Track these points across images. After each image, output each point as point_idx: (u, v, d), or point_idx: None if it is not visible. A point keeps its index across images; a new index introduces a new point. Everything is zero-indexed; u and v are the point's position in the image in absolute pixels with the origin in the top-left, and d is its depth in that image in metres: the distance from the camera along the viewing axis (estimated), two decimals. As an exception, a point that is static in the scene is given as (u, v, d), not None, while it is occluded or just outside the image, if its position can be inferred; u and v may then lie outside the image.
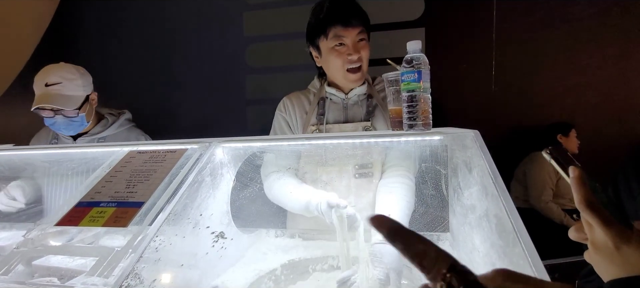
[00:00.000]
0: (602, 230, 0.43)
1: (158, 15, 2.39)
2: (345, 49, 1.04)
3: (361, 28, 1.04)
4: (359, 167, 1.05)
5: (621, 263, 0.41)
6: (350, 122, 1.10)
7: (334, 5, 1.04)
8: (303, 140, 0.96)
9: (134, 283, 0.59)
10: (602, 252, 0.44)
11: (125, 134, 1.40)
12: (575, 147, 2.24)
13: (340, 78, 1.08)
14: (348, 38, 1.03)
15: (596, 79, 2.13)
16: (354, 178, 1.04)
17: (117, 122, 1.39)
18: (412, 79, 0.76)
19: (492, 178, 0.61)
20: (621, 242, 0.42)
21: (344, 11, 1.03)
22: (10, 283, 0.65)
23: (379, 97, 1.12)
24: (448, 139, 0.83)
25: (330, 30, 1.03)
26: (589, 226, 0.45)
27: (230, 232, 0.96)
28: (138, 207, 0.71)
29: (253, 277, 0.86)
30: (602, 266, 0.44)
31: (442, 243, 0.99)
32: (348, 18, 1.02)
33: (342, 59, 1.04)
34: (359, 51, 1.04)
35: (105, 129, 1.36)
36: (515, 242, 0.51)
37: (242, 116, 2.34)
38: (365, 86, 1.12)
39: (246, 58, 2.31)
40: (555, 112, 2.22)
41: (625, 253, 0.41)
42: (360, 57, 1.05)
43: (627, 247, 0.41)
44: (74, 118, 1.27)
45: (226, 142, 0.90)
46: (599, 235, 0.44)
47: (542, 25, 2.13)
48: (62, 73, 1.26)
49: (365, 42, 1.06)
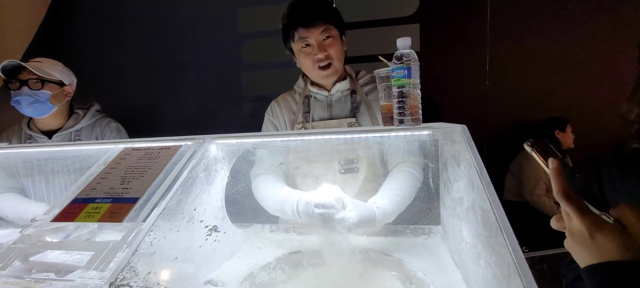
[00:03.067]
0: (578, 219, 0.45)
1: (153, 12, 2.38)
2: (311, 49, 1.05)
3: (325, 26, 1.03)
4: (345, 162, 1.06)
5: (595, 250, 0.43)
6: (335, 118, 1.11)
7: (295, 7, 1.05)
8: (294, 136, 0.97)
9: (129, 276, 0.60)
10: (578, 239, 0.45)
11: (98, 123, 1.44)
12: (571, 142, 2.27)
13: (315, 76, 1.10)
14: (312, 38, 1.04)
15: (589, 74, 2.16)
16: (340, 174, 1.06)
17: (88, 114, 1.43)
18: (402, 75, 0.78)
19: (478, 171, 0.63)
20: (595, 230, 0.43)
21: (305, 12, 1.03)
22: (8, 278, 0.66)
23: (363, 92, 1.12)
24: (438, 133, 0.84)
25: (295, 33, 1.05)
26: (567, 215, 0.47)
27: (224, 227, 0.97)
28: (133, 202, 0.72)
29: (248, 271, 0.88)
30: (578, 253, 0.46)
31: (433, 236, 1.01)
32: (309, 19, 1.02)
33: (311, 58, 1.06)
34: (325, 49, 1.04)
35: (78, 122, 1.39)
36: (498, 232, 0.53)
37: (238, 112, 2.35)
38: (347, 82, 1.12)
39: (241, 54, 2.31)
40: (549, 106, 2.25)
41: (598, 240, 0.43)
42: (327, 55, 1.05)
43: (601, 234, 0.43)
44: (38, 93, 1.27)
45: (220, 138, 0.92)
46: (575, 224, 0.46)
47: (536, 20, 2.15)
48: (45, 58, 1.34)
49: (332, 39, 1.05)
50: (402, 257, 0.90)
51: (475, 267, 0.67)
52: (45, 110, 1.31)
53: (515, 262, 0.48)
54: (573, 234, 0.46)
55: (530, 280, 0.46)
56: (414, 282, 0.80)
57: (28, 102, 1.27)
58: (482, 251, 0.61)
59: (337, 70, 1.09)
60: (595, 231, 0.43)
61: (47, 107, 1.30)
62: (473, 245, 0.68)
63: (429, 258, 0.89)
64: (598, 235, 0.43)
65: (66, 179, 1.30)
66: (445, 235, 0.97)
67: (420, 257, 0.90)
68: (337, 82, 1.12)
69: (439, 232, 1.01)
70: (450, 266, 0.85)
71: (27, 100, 1.27)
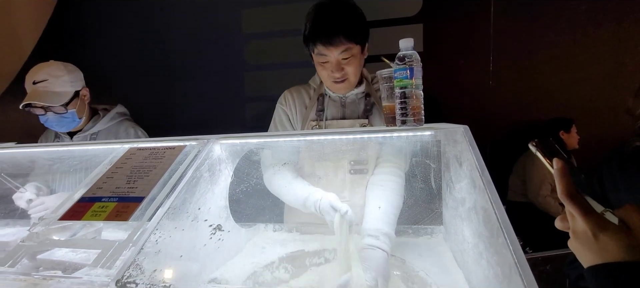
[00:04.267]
0: (582, 220, 0.45)
1: (157, 13, 2.40)
2: (329, 65, 1.03)
3: (345, 46, 0.98)
4: (354, 163, 1.07)
5: (598, 250, 0.44)
6: (347, 118, 1.12)
7: (317, 21, 0.99)
8: (298, 137, 0.98)
9: (135, 274, 0.62)
10: (581, 240, 0.46)
11: (115, 128, 1.42)
12: (575, 142, 2.26)
13: (329, 86, 1.11)
14: (331, 56, 1.01)
15: (594, 74, 2.14)
16: (349, 174, 1.07)
17: (108, 116, 1.41)
18: (404, 76, 0.78)
19: (479, 171, 0.63)
20: (599, 231, 0.44)
21: (326, 29, 0.98)
22: (17, 275, 0.67)
23: (377, 96, 1.13)
24: (440, 134, 0.85)
25: (314, 47, 1.01)
26: (571, 216, 0.47)
27: (228, 226, 0.98)
28: (138, 201, 0.73)
29: (251, 270, 0.89)
30: (581, 253, 0.46)
31: (435, 236, 1.02)
32: (330, 37, 0.97)
33: (327, 73, 1.05)
34: (342, 69, 1.02)
35: (96, 124, 1.39)
36: (499, 232, 0.53)
37: (241, 113, 2.36)
38: (363, 85, 1.13)
39: (245, 55, 2.33)
40: (552, 106, 2.24)
41: (602, 241, 0.43)
42: (344, 73, 1.03)
43: (604, 235, 0.43)
44: (64, 114, 1.29)
45: (224, 138, 0.93)
46: (579, 224, 0.46)
47: (540, 20, 2.14)
48: (49, 70, 1.29)
49: (351, 58, 1.02)
50: (404, 256, 0.91)
51: (477, 266, 0.67)
52: (75, 123, 1.34)
53: (516, 261, 0.48)
54: (577, 234, 0.46)
55: (530, 279, 0.46)
56: (416, 282, 0.80)
57: (56, 123, 1.31)
58: (484, 251, 0.62)
59: (352, 84, 1.09)
60: (599, 231, 0.43)
61: (74, 120, 1.33)
62: (475, 245, 0.69)
63: (431, 258, 0.90)
64: (602, 236, 0.43)
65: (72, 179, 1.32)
66: (447, 235, 0.97)
67: (422, 257, 0.91)
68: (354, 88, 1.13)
69: (441, 232, 1.01)
70: (452, 266, 0.85)
71: (55, 121, 1.30)
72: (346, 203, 0.89)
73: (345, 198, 1.05)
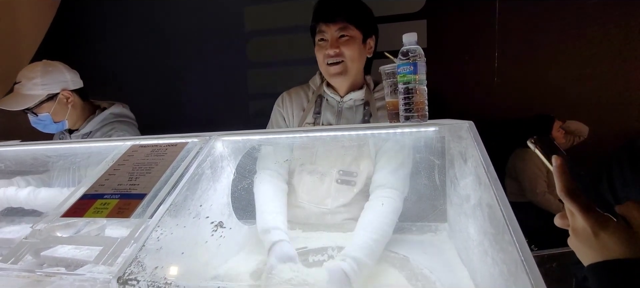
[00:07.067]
0: (582, 217, 0.44)
1: (160, 11, 2.40)
2: (326, 43, 1.05)
3: (343, 24, 1.02)
4: (343, 173, 1.04)
5: (599, 248, 0.43)
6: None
7: (322, 2, 1.07)
8: (299, 133, 0.98)
9: (136, 271, 0.61)
10: (581, 237, 0.45)
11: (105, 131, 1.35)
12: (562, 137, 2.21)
13: (324, 72, 1.09)
14: (328, 33, 1.04)
15: (601, 70, 2.11)
16: (336, 183, 1.04)
17: (99, 116, 1.36)
18: (408, 71, 0.77)
19: (485, 168, 0.62)
20: (599, 228, 0.43)
21: (328, 7, 1.05)
22: (20, 272, 0.67)
23: (375, 107, 1.08)
24: (444, 130, 0.84)
25: (317, 27, 1.06)
26: (571, 213, 0.46)
27: (230, 223, 0.98)
28: (140, 198, 0.73)
29: (253, 266, 0.89)
30: (582, 251, 0.46)
31: (439, 233, 1.01)
32: (330, 14, 1.03)
33: (323, 53, 1.05)
34: (337, 46, 1.02)
35: (87, 125, 1.36)
36: (505, 229, 0.52)
37: (244, 110, 2.36)
38: (363, 91, 1.09)
39: (247, 52, 2.32)
40: (559, 103, 2.20)
41: (602, 238, 0.42)
42: (339, 52, 1.02)
43: (604, 232, 0.42)
44: (39, 118, 1.29)
45: (225, 135, 0.92)
46: (579, 221, 0.45)
47: (546, 15, 2.10)
48: (25, 72, 1.28)
49: (349, 38, 1.03)
50: (408, 254, 0.90)
51: (482, 264, 0.66)
52: (54, 126, 1.33)
53: (523, 259, 0.48)
54: (577, 232, 0.45)
55: (537, 277, 0.45)
56: (420, 280, 0.80)
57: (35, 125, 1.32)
58: (489, 248, 0.61)
59: (349, 71, 1.05)
60: (599, 229, 0.43)
61: (55, 125, 1.32)
62: (480, 242, 0.68)
63: (436, 256, 0.89)
64: (602, 233, 0.42)
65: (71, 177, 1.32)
66: (451, 233, 0.96)
67: (426, 254, 0.90)
68: (352, 91, 1.09)
69: (446, 229, 1.00)
70: (456, 263, 0.84)
71: (34, 123, 1.32)
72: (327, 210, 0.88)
73: (327, 206, 1.04)
